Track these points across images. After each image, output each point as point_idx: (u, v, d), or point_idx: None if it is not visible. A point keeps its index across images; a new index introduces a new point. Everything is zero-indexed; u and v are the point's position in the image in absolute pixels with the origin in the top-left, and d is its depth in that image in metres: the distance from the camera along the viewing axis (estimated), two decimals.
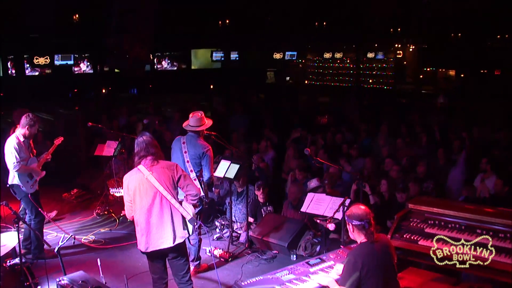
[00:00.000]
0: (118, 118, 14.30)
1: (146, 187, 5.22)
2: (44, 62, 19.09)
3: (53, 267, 6.50)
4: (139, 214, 5.28)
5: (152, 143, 5.36)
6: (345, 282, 4.42)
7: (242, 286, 4.68)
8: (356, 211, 4.57)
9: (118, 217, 9.32)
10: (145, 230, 5.25)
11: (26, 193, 7.30)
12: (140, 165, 5.29)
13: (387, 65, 24.77)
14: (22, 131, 7.27)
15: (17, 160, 7.10)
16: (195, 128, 6.83)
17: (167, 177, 5.26)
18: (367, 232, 4.51)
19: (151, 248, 5.26)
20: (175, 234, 5.26)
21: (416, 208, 6.19)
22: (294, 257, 7.51)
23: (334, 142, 11.57)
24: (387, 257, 4.55)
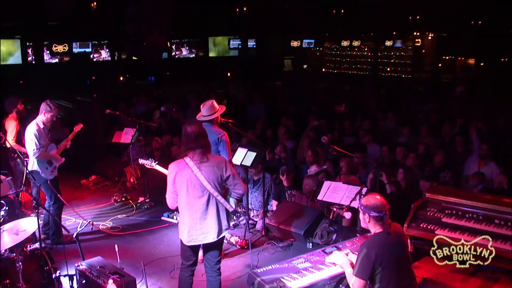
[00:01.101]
0: (135, 106, 14.39)
1: (194, 184, 5.16)
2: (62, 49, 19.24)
3: (71, 252, 6.57)
4: (184, 209, 5.25)
5: (201, 134, 5.24)
6: (359, 273, 4.40)
7: (258, 273, 4.70)
8: (374, 202, 4.52)
9: (135, 204, 9.40)
10: (188, 225, 5.23)
11: (46, 179, 7.39)
12: (187, 157, 5.20)
13: (405, 53, 24.53)
14: (41, 118, 7.33)
15: (37, 147, 7.16)
16: (208, 117, 6.82)
17: (215, 176, 5.18)
18: (384, 224, 4.48)
19: (193, 243, 5.26)
20: (220, 228, 5.26)
21: (433, 198, 6.16)
22: (310, 245, 7.52)
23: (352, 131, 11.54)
24: (401, 247, 4.52)
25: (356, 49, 26.39)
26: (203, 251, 5.42)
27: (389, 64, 25.03)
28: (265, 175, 8.34)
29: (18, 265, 5.07)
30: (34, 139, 7.15)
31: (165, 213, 8.65)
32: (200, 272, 5.60)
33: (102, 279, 5.19)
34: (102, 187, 10.54)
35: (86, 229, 8.03)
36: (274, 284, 4.53)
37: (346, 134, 11.46)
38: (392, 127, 11.87)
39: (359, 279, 4.39)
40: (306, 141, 10.46)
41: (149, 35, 16.97)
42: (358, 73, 25.98)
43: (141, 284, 5.91)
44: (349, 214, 5.91)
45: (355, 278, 4.42)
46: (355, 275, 4.42)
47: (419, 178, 8.09)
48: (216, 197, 5.20)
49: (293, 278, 4.66)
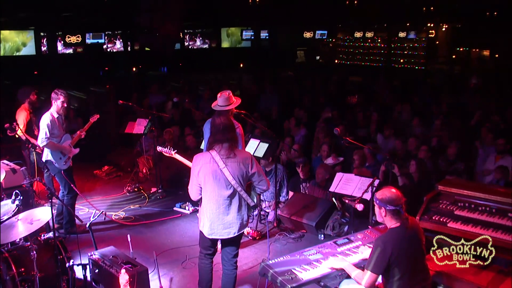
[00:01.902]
0: (148, 96, 14.42)
1: (219, 178, 5.13)
2: (75, 40, 19.31)
3: (84, 242, 6.63)
4: (207, 202, 5.23)
5: (230, 127, 5.22)
6: (374, 268, 4.36)
7: (270, 264, 4.71)
8: (390, 195, 4.42)
9: (147, 194, 9.45)
10: (211, 218, 5.22)
11: (59, 169, 7.44)
12: (214, 151, 5.16)
13: (419, 44, 24.33)
14: (53, 108, 7.36)
15: (46, 136, 7.18)
16: (224, 107, 6.80)
17: (241, 172, 5.15)
18: (401, 218, 4.41)
19: (215, 236, 5.27)
20: (241, 223, 5.27)
21: (446, 190, 6.12)
22: (321, 236, 7.53)
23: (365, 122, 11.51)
24: (417, 242, 4.47)
25: (369, 40, 26.22)
26: (222, 243, 5.43)
27: (402, 56, 24.85)
28: (277, 166, 8.34)
29: (32, 254, 5.12)
30: (45, 129, 7.18)
31: (177, 204, 8.70)
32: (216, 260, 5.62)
33: (115, 269, 5.24)
34: (114, 178, 10.61)
35: (99, 219, 8.07)
36: (286, 275, 4.54)
37: (359, 126, 11.43)
38: (406, 119, 11.81)
39: (373, 274, 4.36)
40: (321, 134, 10.44)
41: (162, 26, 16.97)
42: (371, 65, 25.82)
43: (153, 274, 5.95)
44: (361, 205, 5.90)
45: (369, 273, 4.37)
46: (369, 269, 4.37)
47: (432, 170, 8.06)
48: (239, 192, 5.19)
49: (304, 269, 4.67)
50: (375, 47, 26.08)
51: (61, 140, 7.45)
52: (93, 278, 5.64)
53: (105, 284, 5.42)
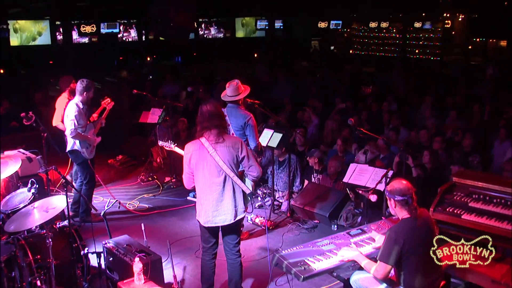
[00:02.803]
0: (162, 86, 14.44)
1: (209, 164, 5.10)
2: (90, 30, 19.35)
3: (99, 230, 6.69)
4: (200, 190, 5.22)
5: (216, 113, 5.16)
6: (386, 258, 4.37)
7: (283, 254, 4.72)
8: (398, 186, 4.47)
9: (162, 184, 9.50)
10: (205, 206, 5.20)
11: (86, 159, 7.52)
12: (203, 137, 5.15)
13: (435, 35, 24.08)
14: (80, 98, 7.43)
15: (75, 127, 7.28)
16: (234, 97, 6.77)
17: (231, 156, 5.12)
18: (410, 208, 4.42)
19: (210, 224, 5.23)
20: (236, 211, 5.21)
21: (460, 182, 6.08)
22: (335, 227, 7.53)
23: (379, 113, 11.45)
24: (428, 233, 4.48)
25: (384, 30, 25.99)
26: (222, 233, 5.39)
27: (417, 46, 24.61)
28: (291, 156, 8.33)
29: (48, 242, 5.17)
30: (74, 120, 7.27)
31: (190, 193, 8.73)
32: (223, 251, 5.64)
33: (129, 257, 5.29)
34: (129, 167, 10.67)
35: (113, 208, 8.16)
36: (299, 265, 4.55)
37: (373, 117, 11.37)
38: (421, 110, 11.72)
39: (385, 265, 4.37)
40: (334, 124, 10.41)
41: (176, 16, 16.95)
42: (385, 55, 25.63)
43: (166, 262, 6.00)
44: (375, 196, 5.88)
45: (381, 264, 4.39)
46: (381, 260, 4.39)
47: (446, 162, 8.01)
48: (232, 178, 5.14)
49: (317, 259, 4.68)
50: (390, 37, 25.86)
51: (86, 130, 7.55)
52: (108, 266, 5.70)
53: (119, 272, 5.47)
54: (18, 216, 5.44)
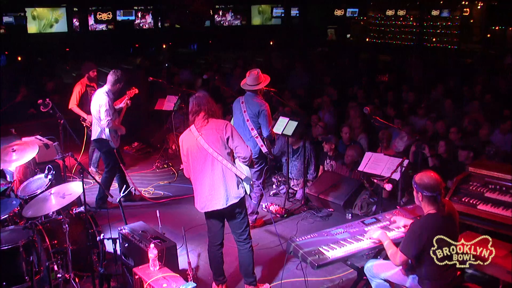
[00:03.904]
0: (178, 73, 14.45)
1: (197, 149, 5.14)
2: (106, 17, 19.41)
3: (114, 216, 6.75)
4: (193, 175, 5.26)
5: (205, 98, 5.24)
6: (406, 249, 4.33)
7: (297, 242, 4.73)
8: (428, 181, 4.33)
9: (177, 171, 9.54)
10: (198, 191, 5.24)
11: (111, 148, 7.62)
12: (192, 124, 5.21)
13: (452, 23, 23.81)
14: (110, 88, 7.52)
15: (111, 118, 7.40)
16: (253, 87, 6.78)
17: (215, 138, 5.11)
18: (439, 205, 4.33)
19: (206, 209, 5.26)
20: (228, 195, 5.16)
21: (476, 172, 6.05)
22: (349, 215, 7.53)
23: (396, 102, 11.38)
24: (452, 228, 4.40)
25: (401, 18, 25.76)
26: (227, 221, 5.40)
27: (434, 35, 24.37)
28: (306, 144, 8.32)
29: (64, 227, 5.23)
30: (109, 111, 7.37)
31: None
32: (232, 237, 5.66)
33: (144, 243, 5.33)
34: (144, 154, 10.73)
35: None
36: (313, 253, 4.56)
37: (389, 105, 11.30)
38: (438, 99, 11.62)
39: (404, 255, 4.35)
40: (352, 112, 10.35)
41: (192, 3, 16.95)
42: (402, 44, 25.40)
43: (181, 249, 6.04)
44: (390, 185, 5.86)
45: (400, 253, 4.36)
46: (401, 251, 4.35)
47: None
48: (221, 162, 5.11)
49: (331, 248, 4.67)
50: (407, 25, 25.63)
51: (113, 119, 7.63)
52: (123, 252, 5.75)
53: (134, 258, 5.52)
54: (35, 202, 5.51)
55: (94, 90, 8.67)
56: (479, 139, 8.52)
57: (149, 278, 4.79)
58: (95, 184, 8.13)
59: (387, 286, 4.76)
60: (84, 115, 8.60)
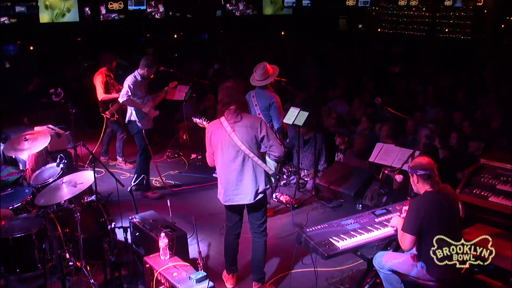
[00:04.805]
0: (189, 63, 14.45)
1: (228, 145, 5.07)
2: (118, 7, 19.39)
3: (125, 206, 6.78)
4: (220, 169, 5.24)
5: (237, 89, 5.14)
6: (407, 228, 4.41)
7: (307, 232, 4.74)
8: (419, 161, 4.56)
9: (188, 160, 9.57)
10: (224, 185, 5.22)
11: (142, 129, 7.73)
12: (223, 117, 5.11)
13: (465, 13, 23.57)
14: (140, 71, 7.70)
15: (127, 94, 7.54)
16: (262, 82, 6.79)
17: (250, 137, 5.05)
18: (433, 182, 4.47)
19: (230, 203, 5.25)
20: (257, 191, 5.17)
21: (488, 164, 6.02)
22: (359, 206, 7.53)
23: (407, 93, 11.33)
24: (451, 208, 4.47)
25: (413, 8, 25.53)
26: (247, 212, 5.38)
27: (447, 25, 24.15)
28: (316, 134, 8.31)
29: (76, 216, 5.27)
30: (126, 88, 7.55)
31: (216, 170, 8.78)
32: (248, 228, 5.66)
33: (155, 232, 5.36)
34: (155, 144, 10.74)
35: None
36: (323, 243, 4.57)
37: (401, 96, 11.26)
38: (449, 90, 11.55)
39: (407, 234, 4.41)
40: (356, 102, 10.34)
41: None
42: (414, 34, 25.21)
43: (191, 238, 6.06)
44: (400, 176, 5.84)
45: (403, 233, 4.44)
46: (403, 230, 4.44)
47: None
48: (252, 158, 5.08)
49: (341, 238, 4.69)
50: (419, 16, 25.41)
51: (144, 102, 7.76)
52: (134, 241, 5.79)
53: (145, 247, 5.55)
54: (47, 191, 5.56)
55: (112, 80, 8.78)
56: (491, 131, 8.47)
57: (160, 267, 4.83)
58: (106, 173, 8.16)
59: (396, 277, 4.76)
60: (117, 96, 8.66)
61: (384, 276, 4.82)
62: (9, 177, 6.98)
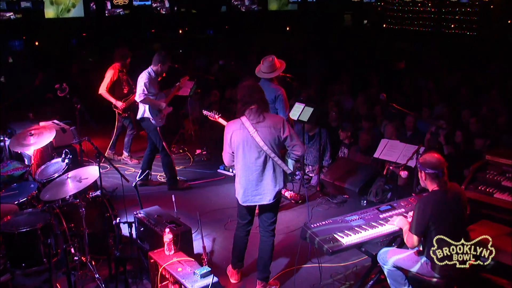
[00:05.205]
0: (194, 58, 14.44)
1: (250, 145, 5.00)
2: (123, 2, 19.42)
3: (130, 201, 6.79)
4: (240, 169, 5.15)
5: (257, 88, 5.08)
6: (413, 228, 4.41)
7: (312, 228, 4.74)
8: (430, 159, 4.47)
9: (192, 156, 9.57)
10: (244, 185, 5.16)
11: (156, 126, 7.73)
12: (244, 116, 5.03)
13: (472, 9, 23.46)
14: (154, 68, 7.66)
15: (144, 92, 7.51)
16: (269, 74, 6.75)
17: (272, 137, 4.98)
18: (440, 181, 4.43)
19: (249, 203, 5.20)
20: (276, 190, 5.14)
21: (494, 160, 6.00)
22: (364, 202, 7.52)
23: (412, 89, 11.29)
24: (458, 206, 4.47)
25: (419, 4, 25.45)
26: (259, 210, 5.35)
27: (453, 21, 24.05)
28: (321, 130, 8.30)
29: (81, 211, 5.29)
30: (143, 86, 7.51)
31: (221, 166, 8.81)
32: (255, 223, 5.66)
33: (159, 228, 5.37)
34: None
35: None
36: (327, 239, 4.57)
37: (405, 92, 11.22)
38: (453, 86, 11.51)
39: (412, 235, 4.41)
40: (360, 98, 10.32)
41: None
42: (420, 30, 25.13)
43: (196, 234, 6.08)
44: (405, 173, 5.84)
45: (409, 233, 4.45)
46: (410, 231, 4.44)
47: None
48: (273, 158, 5.04)
49: (346, 234, 4.68)
50: (425, 11, 25.32)
51: (156, 98, 7.77)
52: (139, 236, 5.80)
53: (149, 242, 5.56)
54: (52, 186, 5.57)
55: (125, 75, 8.79)
56: (497, 127, 8.43)
57: (164, 262, 4.84)
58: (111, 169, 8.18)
59: (400, 273, 4.76)
60: (113, 101, 8.70)
61: (388, 272, 4.82)
62: (14, 172, 7.01)
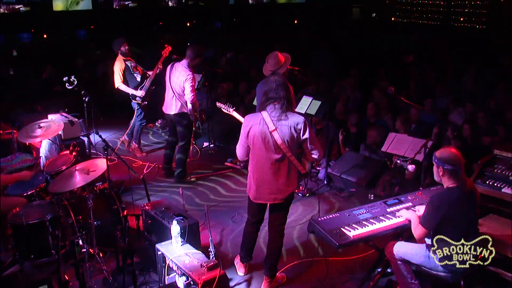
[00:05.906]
0: None
1: (267, 141, 4.88)
2: None
3: (138, 193, 6.82)
4: (254, 165, 5.07)
5: (283, 84, 4.94)
6: (424, 222, 4.39)
7: (319, 221, 4.74)
8: (448, 155, 4.35)
9: (200, 149, 9.58)
10: (257, 183, 5.09)
11: (191, 122, 7.86)
12: (265, 112, 4.91)
13: (481, 2, 23.29)
14: (191, 62, 7.62)
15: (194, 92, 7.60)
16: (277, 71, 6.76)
17: (291, 137, 4.85)
18: (459, 178, 4.33)
19: (260, 200, 5.15)
20: (289, 190, 5.08)
21: (502, 154, 5.96)
22: (371, 196, 7.51)
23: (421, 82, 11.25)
24: (472, 205, 4.41)
25: None
26: (269, 209, 5.28)
27: (462, 14, 23.89)
28: (329, 124, 8.29)
29: (89, 203, 5.31)
30: (194, 86, 7.58)
31: (228, 159, 8.81)
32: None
33: (167, 220, 5.39)
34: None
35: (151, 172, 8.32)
36: (334, 233, 4.57)
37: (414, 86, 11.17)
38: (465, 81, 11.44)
39: (422, 227, 4.40)
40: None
41: None
42: (429, 23, 24.99)
43: (203, 226, 6.09)
44: (413, 166, 5.84)
45: (420, 226, 4.43)
46: (421, 223, 4.42)
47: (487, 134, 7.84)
48: (289, 158, 4.94)
49: (353, 228, 4.69)
50: (434, 4, 25.16)
51: None
52: (146, 228, 5.82)
53: (157, 234, 5.58)
54: (61, 178, 5.60)
55: (133, 63, 8.79)
56: (505, 122, 8.39)
57: (172, 254, 4.86)
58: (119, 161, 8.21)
59: (407, 267, 4.76)
60: (133, 91, 8.70)
61: (395, 265, 4.82)
62: (23, 164, 7.04)
